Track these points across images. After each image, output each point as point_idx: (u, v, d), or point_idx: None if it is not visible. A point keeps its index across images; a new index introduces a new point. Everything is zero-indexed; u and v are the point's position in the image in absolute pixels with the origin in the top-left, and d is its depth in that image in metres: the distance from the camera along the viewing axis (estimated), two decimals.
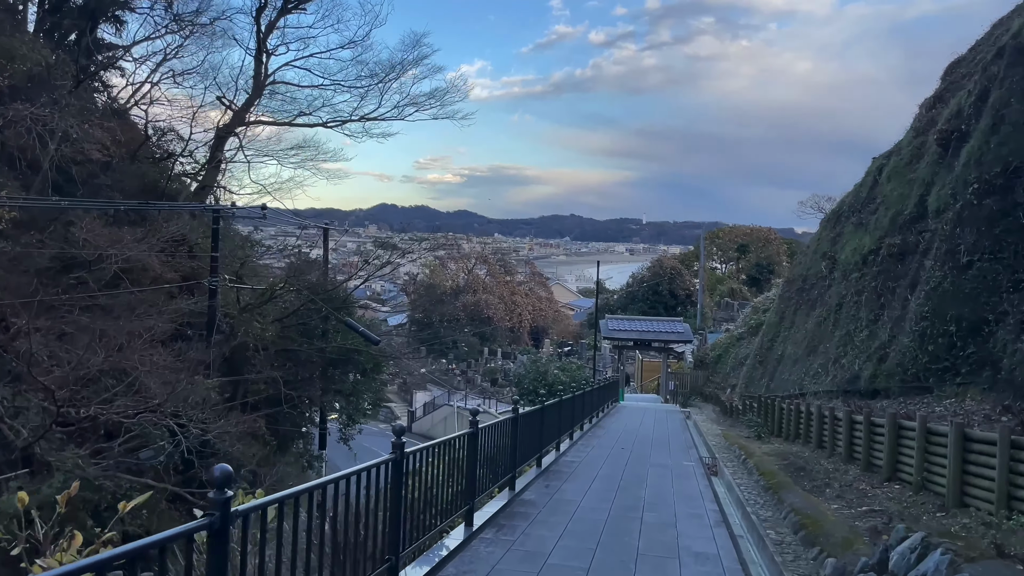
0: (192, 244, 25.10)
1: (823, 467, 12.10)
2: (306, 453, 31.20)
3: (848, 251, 19.66)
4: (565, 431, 14.93)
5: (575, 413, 16.26)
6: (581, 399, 17.37)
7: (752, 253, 61.99)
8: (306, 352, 26.97)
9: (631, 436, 17.79)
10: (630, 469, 12.20)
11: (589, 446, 15.20)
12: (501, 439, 8.64)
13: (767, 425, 18.56)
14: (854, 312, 17.84)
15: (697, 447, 16.56)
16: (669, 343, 34.35)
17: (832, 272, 20.70)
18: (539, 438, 11.47)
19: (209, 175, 31.15)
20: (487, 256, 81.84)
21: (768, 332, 25.49)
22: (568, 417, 15.22)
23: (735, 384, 30.23)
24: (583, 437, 16.76)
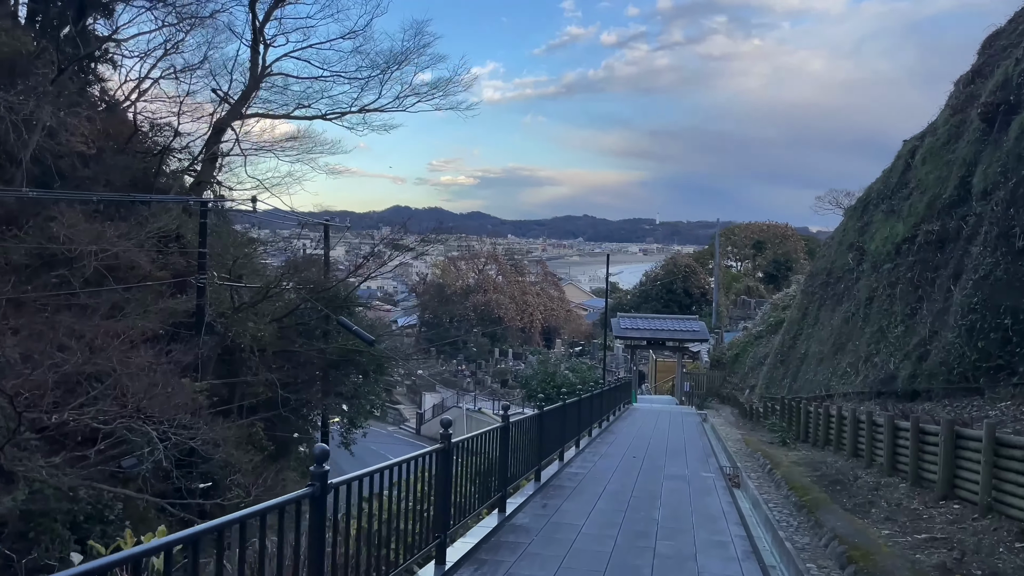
0: (185, 241, 23.94)
1: (863, 480, 10.62)
2: (309, 459, 29.96)
3: (878, 241, 18.14)
4: (571, 438, 13.53)
5: (582, 418, 14.85)
6: (589, 402, 15.96)
7: (769, 250, 60.29)
8: (306, 353, 25.79)
9: (644, 442, 16.35)
10: (642, 483, 10.78)
11: (597, 454, 13.78)
12: (484, 455, 7.26)
13: (792, 430, 17.07)
14: (887, 306, 16.33)
15: (716, 454, 15.10)
16: (684, 342, 32.83)
17: (860, 264, 19.18)
18: (537, 448, 10.07)
19: (205, 170, 30.01)
20: (498, 255, 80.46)
21: (790, 329, 23.96)
22: (574, 422, 13.81)
23: (754, 385, 28.69)
24: (591, 444, 15.35)
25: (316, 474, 3.77)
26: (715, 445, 17.11)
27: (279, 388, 25.05)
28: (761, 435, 18.75)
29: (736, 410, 26.78)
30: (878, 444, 11.41)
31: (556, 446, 11.76)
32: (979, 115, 14.39)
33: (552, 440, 11.37)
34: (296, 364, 26.40)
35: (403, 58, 29.72)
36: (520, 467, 9.29)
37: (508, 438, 7.98)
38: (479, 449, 7.01)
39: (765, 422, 19.44)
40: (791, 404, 18.16)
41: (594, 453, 13.88)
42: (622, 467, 12.27)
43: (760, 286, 58.42)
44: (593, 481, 10.65)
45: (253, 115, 31.87)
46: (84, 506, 13.73)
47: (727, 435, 18.92)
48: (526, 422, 9.64)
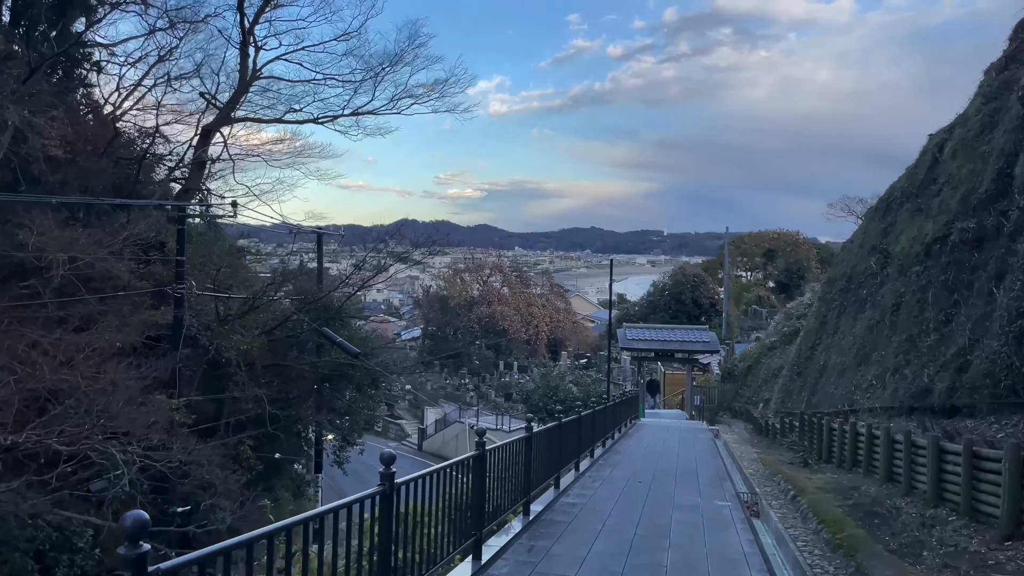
0: (167, 250, 22.80)
1: (905, 513, 9.17)
2: (300, 478, 28.74)
3: (905, 242, 16.71)
4: (569, 461, 12.11)
5: (583, 438, 13.43)
6: (591, 420, 14.54)
7: (780, 258, 58.74)
8: (297, 367, 24.47)
9: (651, 463, 14.91)
10: (648, 516, 9.36)
11: (599, 479, 12.35)
12: (451, 493, 5.88)
13: (813, 449, 15.61)
14: (917, 313, 14.88)
15: (731, 477, 13.65)
16: (694, 353, 31.33)
17: (884, 268, 17.75)
18: (526, 477, 8.67)
19: (193, 177, 28.85)
20: (503, 267, 79.12)
21: (807, 339, 22.50)
22: (573, 443, 12.40)
23: (768, 398, 27.19)
24: (593, 466, 13.92)
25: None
26: (729, 466, 15.65)
27: (267, 404, 23.89)
28: (779, 454, 17.29)
29: (750, 425, 25.29)
30: (919, 469, 9.96)
31: (550, 472, 10.35)
32: (1020, 99, 13.00)
33: (545, 466, 9.96)
34: (287, 379, 25.17)
35: (397, 59, 28.58)
36: (504, 500, 7.91)
37: (484, 469, 6.61)
38: (442, 487, 5.63)
39: (784, 440, 17.97)
40: (811, 420, 16.70)
41: (595, 478, 12.45)
42: (626, 495, 10.84)
43: (771, 296, 56.86)
44: (591, 514, 9.23)
45: (242, 119, 30.68)
46: (50, 533, 12.55)
47: (742, 454, 17.46)
48: (514, 446, 8.26)
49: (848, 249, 21.51)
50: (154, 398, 17.05)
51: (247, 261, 26.97)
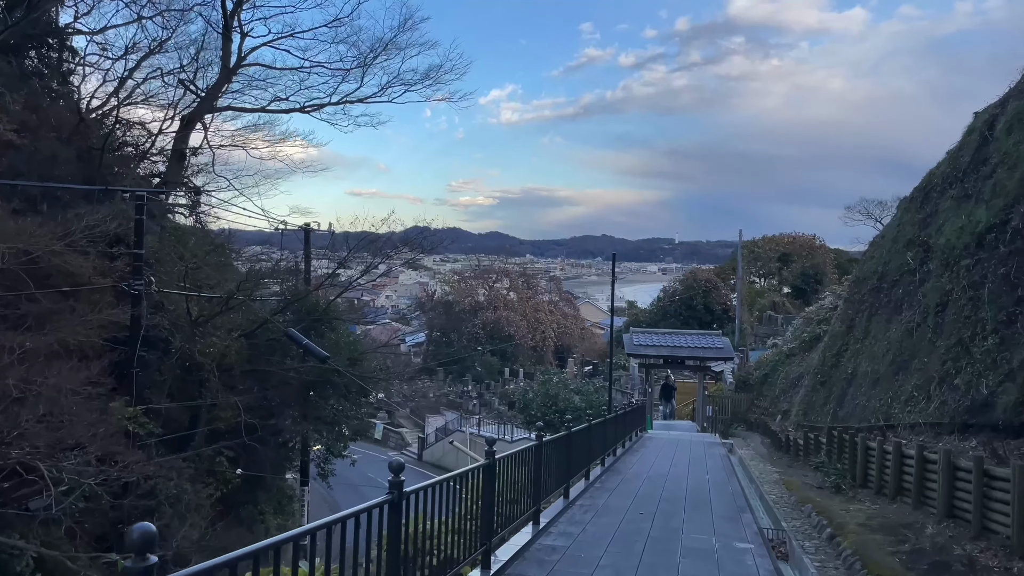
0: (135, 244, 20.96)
1: (983, 566, 7.03)
2: (282, 492, 26.87)
3: (950, 233, 14.54)
4: (556, 487, 10.01)
5: (574, 458, 11.31)
6: (586, 436, 12.42)
7: (796, 263, 56.34)
8: (280, 373, 22.51)
9: (656, 487, 12.77)
10: (648, 564, 7.25)
11: (592, 509, 10.25)
12: None
13: (845, 470, 13.43)
14: (969, 312, 12.71)
15: (751, 506, 11.50)
16: (706, 361, 29.11)
17: (925, 263, 15.57)
18: (487, 517, 6.58)
19: (172, 169, 27.05)
20: (509, 271, 77.07)
21: (831, 345, 20.29)
22: (560, 466, 10.29)
23: (787, 410, 24.97)
24: (588, 490, 11.81)
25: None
26: (747, 490, 13.50)
27: (243, 412, 22.02)
28: (804, 475, 15.12)
29: (767, 439, 23.09)
30: (995, 507, 7.82)
31: (524, 507, 8.23)
32: None
33: (515, 500, 7.86)
34: (269, 385, 23.22)
35: (388, 44, 26.69)
36: (457, 549, 5.85)
37: (399, 519, 4.54)
38: None
39: (812, 460, 15.79)
40: (841, 437, 14.52)
41: (588, 508, 10.33)
42: (623, 533, 8.72)
43: (786, 302, 54.50)
44: (575, 564, 7.12)
45: (225, 108, 28.87)
46: None
47: (761, 474, 15.30)
48: (466, 477, 6.20)
49: (878, 245, 19.34)
50: (108, 406, 15.36)
51: (235, 260, 25.09)
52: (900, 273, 16.87)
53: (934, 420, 12.67)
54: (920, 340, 14.45)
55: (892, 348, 15.74)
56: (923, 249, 15.81)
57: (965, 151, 15.61)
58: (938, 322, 13.89)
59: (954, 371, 12.59)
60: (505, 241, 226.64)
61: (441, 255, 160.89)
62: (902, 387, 14.55)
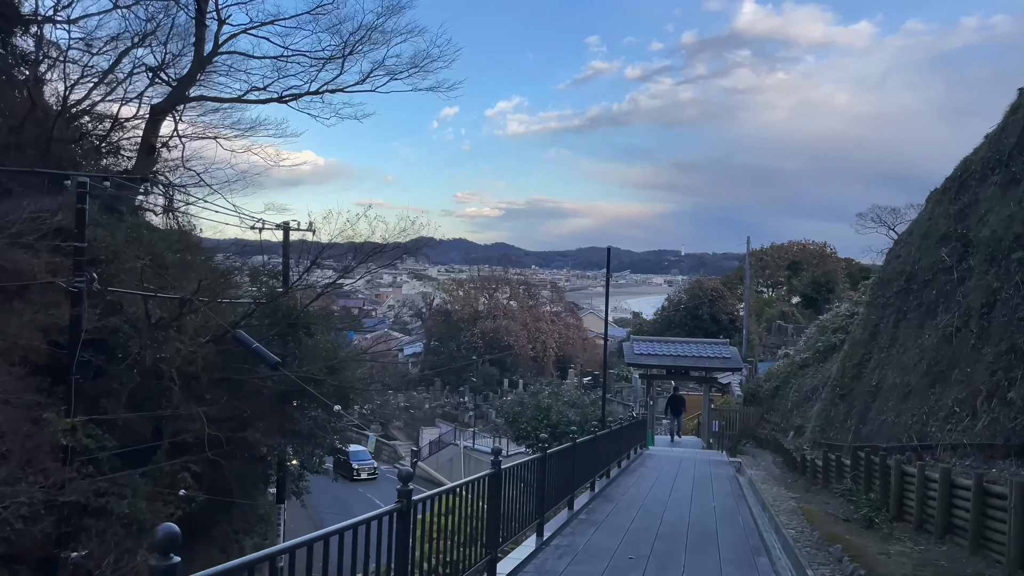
0: (92, 239, 19.27)
1: None
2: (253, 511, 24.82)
3: (995, 223, 12.56)
4: (521, 528, 8.01)
5: (551, 487, 9.31)
6: (569, 457, 10.42)
7: (806, 272, 54.25)
8: (252, 382, 20.62)
9: (653, 518, 10.76)
10: None
11: (570, 552, 8.24)
12: None
13: (874, 498, 11.40)
14: (1023, 313, 10.74)
15: (767, 545, 9.48)
16: (712, 371, 27.05)
17: (964, 259, 13.58)
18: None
19: (141, 163, 25.26)
20: (510, 279, 75.10)
21: (852, 354, 18.27)
22: (531, 498, 8.30)
23: (800, 425, 22.93)
24: (570, 524, 9.81)
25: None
26: (760, 521, 11.48)
27: (207, 424, 20.13)
28: (825, 502, 13.10)
29: (779, 458, 21.05)
30: None
31: (471, 557, 6.22)
32: None
33: (464, 544, 5.88)
34: (241, 395, 21.31)
35: (372, 29, 24.91)
36: None
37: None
38: None
39: (834, 485, 13.75)
40: (870, 460, 12.48)
41: (565, 551, 8.32)
42: None
43: (796, 311, 52.39)
44: None
45: (198, 98, 27.10)
46: None
47: (775, 500, 13.28)
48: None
49: (905, 243, 17.35)
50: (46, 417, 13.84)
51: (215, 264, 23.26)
52: (933, 272, 14.87)
53: (983, 441, 10.67)
54: (961, 347, 12.45)
55: (926, 357, 13.73)
56: (961, 244, 13.83)
57: (1010, 132, 13.65)
58: (984, 325, 11.90)
59: (1006, 382, 10.61)
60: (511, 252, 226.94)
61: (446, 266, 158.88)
62: (940, 401, 12.54)
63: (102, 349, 18.32)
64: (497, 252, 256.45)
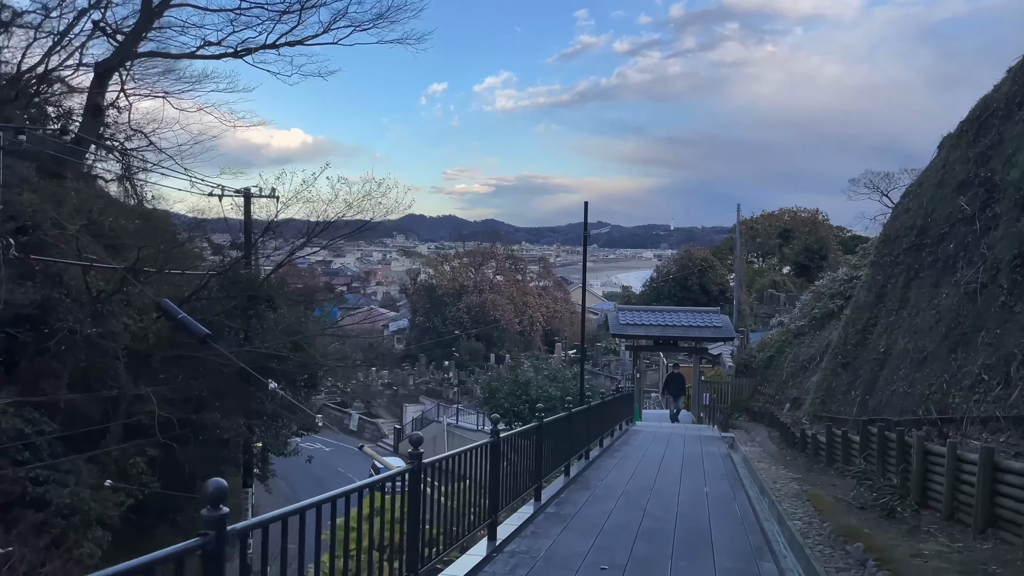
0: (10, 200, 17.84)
1: None
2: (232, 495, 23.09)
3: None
4: (467, 532, 6.34)
5: (510, 477, 7.65)
6: (537, 440, 8.76)
7: (798, 240, 52.69)
8: (212, 360, 19.00)
9: (635, 510, 9.14)
10: None
11: (528, 560, 6.59)
12: None
13: (896, 483, 9.81)
14: None
15: (770, 543, 7.87)
16: (703, 341, 25.47)
17: (988, 207, 11.93)
18: None
19: (86, 125, 23.42)
20: (496, 252, 73.26)
21: (855, 319, 16.67)
22: (483, 493, 6.64)
23: (797, 397, 21.43)
24: (534, 520, 8.17)
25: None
26: (760, 511, 9.89)
27: (157, 404, 18.69)
28: (832, 484, 11.53)
29: (775, 432, 19.52)
30: None
31: None
32: None
33: None
34: (198, 374, 19.75)
35: None
36: None
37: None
38: None
39: (839, 464, 12.17)
40: (883, 436, 10.88)
41: (522, 559, 6.65)
42: None
43: (788, 280, 50.91)
44: None
45: (146, 55, 25.15)
46: None
47: (775, 482, 11.71)
48: None
49: (914, 194, 15.68)
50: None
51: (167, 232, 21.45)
52: (950, 223, 13.22)
53: (1018, 415, 9.09)
54: (988, 305, 10.84)
55: (944, 318, 12.13)
56: (985, 189, 12.17)
57: None
58: (1016, 279, 10.28)
59: None
60: (501, 229, 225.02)
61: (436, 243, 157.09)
62: (964, 368, 10.95)
63: (39, 325, 16.55)
64: (487, 229, 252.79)
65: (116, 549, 18.40)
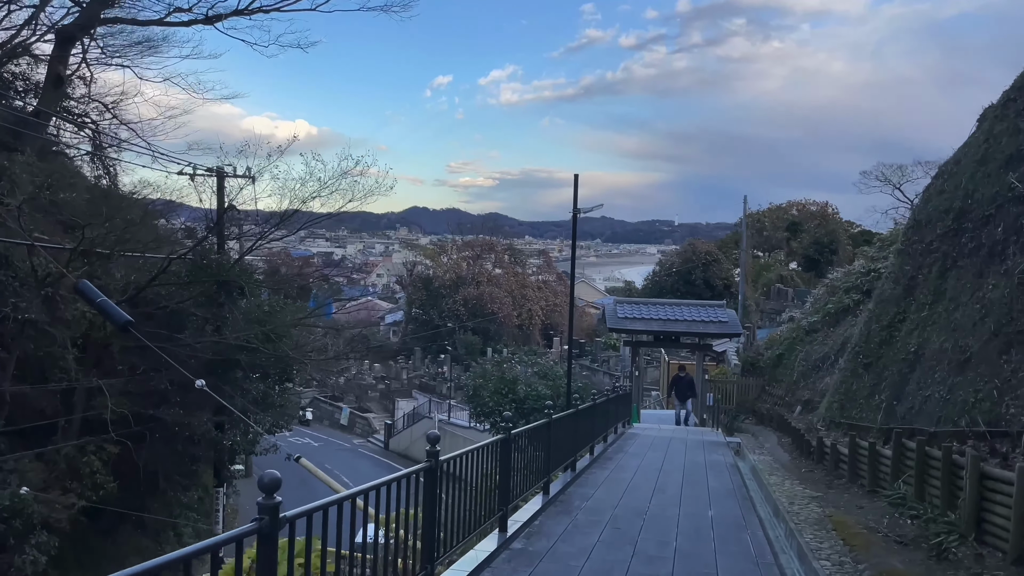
0: None
1: None
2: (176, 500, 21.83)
3: None
4: None
5: (461, 506, 5.92)
6: (504, 456, 7.02)
7: (806, 233, 50.79)
8: (177, 351, 17.37)
9: (622, 551, 7.38)
10: None
11: None
12: None
13: (954, 519, 8.05)
14: None
15: None
16: (707, 337, 23.68)
17: None
18: None
19: (47, 96, 21.79)
20: (494, 243, 71.49)
21: (880, 314, 14.88)
22: (426, 534, 4.90)
23: (809, 399, 19.66)
24: (493, 562, 6.45)
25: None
26: (776, 539, 8.15)
27: (123, 399, 17.15)
28: (859, 506, 9.77)
29: (785, 438, 17.78)
30: None
31: None
32: None
33: None
34: (163, 365, 18.04)
35: None
36: None
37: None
38: None
39: (878, 489, 10.37)
40: (924, 452, 9.11)
41: None
42: None
43: (795, 275, 49.06)
44: None
45: (112, 20, 23.40)
46: None
47: (791, 503, 9.95)
48: None
49: (952, 174, 13.88)
50: None
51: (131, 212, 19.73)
52: (996, 204, 11.42)
53: None
54: None
55: (992, 313, 10.34)
56: None
57: None
58: None
59: None
60: (504, 222, 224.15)
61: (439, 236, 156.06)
62: (1019, 373, 9.17)
63: None
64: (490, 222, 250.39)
65: (76, 553, 16.72)
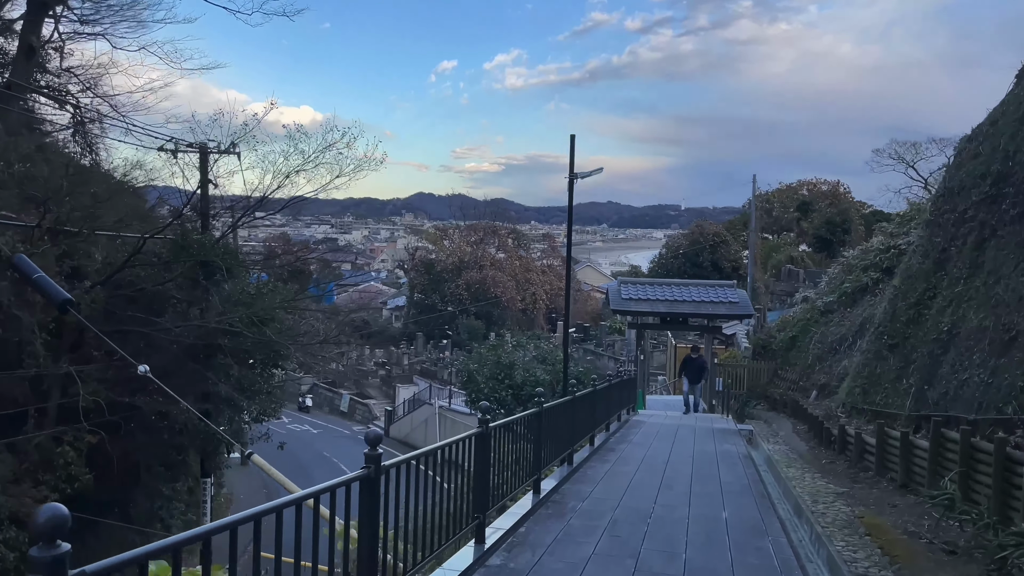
0: None
1: None
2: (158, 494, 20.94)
3: None
4: None
5: (426, 519, 4.79)
6: (482, 451, 5.90)
7: (817, 213, 49.39)
8: (158, 335, 16.42)
9: (625, 560, 6.28)
10: None
11: None
12: None
13: (1008, 518, 6.90)
14: None
15: None
16: (716, 318, 22.50)
17: None
18: None
19: (19, 68, 20.71)
20: (496, 227, 70.27)
21: (907, 291, 13.68)
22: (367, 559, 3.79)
23: (825, 383, 18.52)
24: (490, 560, 5.34)
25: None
26: (799, 544, 7.03)
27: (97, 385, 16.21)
28: (892, 504, 8.62)
29: (801, 425, 16.63)
30: None
31: None
32: None
33: None
34: (142, 351, 17.20)
35: None
36: None
37: None
38: None
39: (912, 484, 9.20)
40: (968, 444, 7.95)
41: None
42: None
43: (806, 257, 47.74)
44: None
45: None
46: None
47: (814, 501, 8.81)
48: None
49: (986, 135, 12.62)
50: None
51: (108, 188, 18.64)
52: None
53: None
54: None
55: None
56: None
57: None
58: None
59: None
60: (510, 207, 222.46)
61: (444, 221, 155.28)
62: None
63: None
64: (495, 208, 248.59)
65: None
